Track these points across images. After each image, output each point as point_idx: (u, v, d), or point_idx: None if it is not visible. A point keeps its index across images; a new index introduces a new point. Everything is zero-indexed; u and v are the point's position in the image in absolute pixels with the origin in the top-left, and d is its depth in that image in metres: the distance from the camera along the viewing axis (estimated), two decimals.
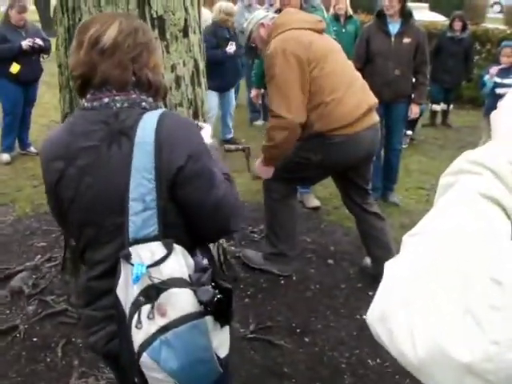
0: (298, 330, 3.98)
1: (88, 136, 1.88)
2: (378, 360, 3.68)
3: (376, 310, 0.89)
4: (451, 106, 10.97)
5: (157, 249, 1.78)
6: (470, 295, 0.75)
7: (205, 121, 3.95)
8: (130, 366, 1.82)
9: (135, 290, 1.77)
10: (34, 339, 3.85)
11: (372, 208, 4.59)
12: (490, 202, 0.88)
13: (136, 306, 1.77)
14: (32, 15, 14.77)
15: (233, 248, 5.03)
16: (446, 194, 0.94)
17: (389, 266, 0.91)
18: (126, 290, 1.80)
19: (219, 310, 1.77)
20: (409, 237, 0.92)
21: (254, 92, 7.40)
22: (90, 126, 1.89)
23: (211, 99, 8.75)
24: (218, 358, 1.86)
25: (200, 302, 1.74)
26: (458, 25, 10.14)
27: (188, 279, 1.78)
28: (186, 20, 3.58)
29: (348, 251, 5.23)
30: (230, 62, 8.42)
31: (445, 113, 10.99)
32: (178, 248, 1.81)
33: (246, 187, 6.67)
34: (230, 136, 9.19)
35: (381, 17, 6.34)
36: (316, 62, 4.04)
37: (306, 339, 3.89)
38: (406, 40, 6.22)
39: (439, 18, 16.96)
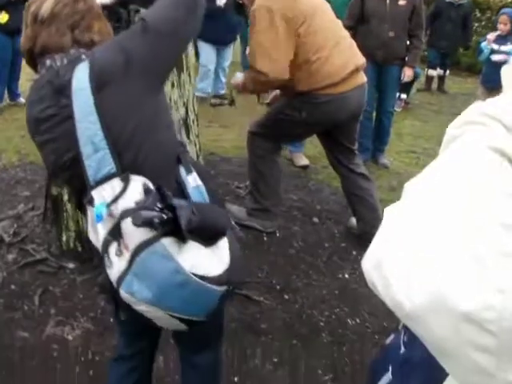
0: (278, 287, 3.95)
1: (41, 102, 1.91)
2: (357, 320, 3.66)
3: (372, 256, 0.84)
4: (447, 71, 10.90)
5: (116, 185, 1.78)
6: (479, 241, 0.70)
7: (190, 74, 3.88)
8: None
9: (102, 230, 1.79)
10: (13, 287, 3.82)
11: (359, 168, 4.55)
12: (499, 156, 0.82)
13: (105, 245, 1.80)
14: None
15: None
16: (452, 145, 0.89)
17: (388, 212, 0.86)
18: (96, 233, 1.83)
19: (172, 229, 1.72)
20: (411, 185, 0.87)
21: (248, 49, 7.29)
22: (40, 91, 1.92)
23: (208, 53, 8.75)
24: (205, 277, 1.81)
25: (142, 225, 1.69)
26: None
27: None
28: None
29: (334, 210, 5.19)
30: (224, 16, 8.38)
31: (441, 78, 10.94)
32: (135, 179, 1.79)
33: (233, 143, 6.64)
34: (222, 91, 9.18)
35: None
36: (303, 18, 3.93)
37: (286, 296, 3.87)
38: (402, 2, 6.14)
39: None
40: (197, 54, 9.74)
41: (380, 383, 1.32)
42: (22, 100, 7.90)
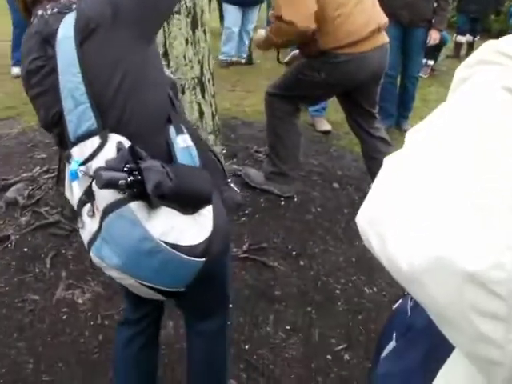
0: (294, 253, 3.87)
1: (30, 53, 1.83)
2: (374, 289, 3.58)
3: (368, 211, 0.75)
4: (477, 37, 10.63)
5: (95, 143, 1.69)
6: (487, 191, 0.60)
7: (205, 32, 3.77)
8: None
9: (77, 189, 1.73)
10: (25, 249, 3.81)
11: (378, 132, 4.47)
12: None
13: (79, 205, 1.73)
14: None
15: (235, 166, 4.91)
16: (461, 87, 0.79)
17: (387, 162, 0.77)
18: (71, 191, 1.77)
19: (141, 193, 1.62)
20: (413, 132, 0.77)
21: (271, 12, 7.16)
22: (29, 42, 1.84)
23: (233, 14, 8.69)
24: (177, 246, 1.71)
25: (104, 187, 1.60)
26: None
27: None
28: None
29: (355, 177, 5.08)
30: None
31: (470, 45, 10.67)
32: (113, 137, 1.70)
33: (255, 107, 6.56)
34: (245, 55, 9.07)
35: None
36: None
37: (302, 263, 3.79)
38: None
39: None
40: (221, 17, 9.65)
41: (385, 350, 1.23)
42: None
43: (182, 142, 1.84)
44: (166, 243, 1.68)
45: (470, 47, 10.72)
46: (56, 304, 3.34)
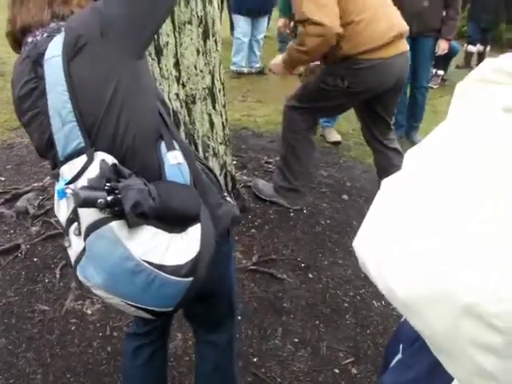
0: (303, 265, 3.87)
1: (21, 78, 1.81)
2: (382, 302, 3.57)
3: (365, 234, 0.76)
4: (488, 47, 10.59)
5: (81, 161, 1.67)
6: (493, 223, 0.60)
7: (216, 41, 3.78)
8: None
9: (65, 208, 1.71)
10: (35, 259, 3.83)
11: (392, 144, 4.47)
12: None
13: (67, 224, 1.70)
14: None
15: (245, 177, 4.91)
16: (460, 104, 0.79)
17: (385, 185, 0.77)
18: (59, 210, 1.75)
19: (120, 211, 1.59)
20: (412, 152, 0.78)
21: (281, 21, 7.16)
22: (19, 67, 1.83)
23: (243, 25, 8.71)
24: (161, 266, 1.67)
25: (83, 206, 1.57)
26: None
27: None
28: None
29: (365, 188, 5.08)
30: None
31: (481, 55, 10.62)
32: (99, 155, 1.67)
33: (266, 118, 6.58)
34: (257, 65, 9.14)
35: None
36: None
37: (310, 275, 3.79)
38: None
39: None
40: (232, 27, 9.67)
41: (392, 362, 1.23)
42: None
43: (173, 159, 1.81)
44: (148, 263, 1.65)
45: (481, 57, 10.67)
46: (65, 315, 3.35)
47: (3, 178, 5.01)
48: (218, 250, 1.85)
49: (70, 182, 1.65)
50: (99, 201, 1.54)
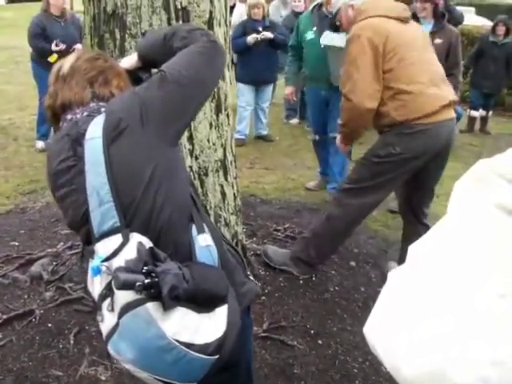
0: (313, 332, 3.92)
1: (59, 154, 1.92)
2: None
3: (374, 322, 0.84)
4: (490, 112, 10.75)
5: (117, 240, 1.76)
6: (478, 311, 0.69)
7: (228, 115, 3.90)
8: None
9: (98, 284, 1.78)
10: (49, 325, 3.86)
11: (425, 219, 4.55)
12: (507, 215, 0.81)
13: (100, 299, 1.79)
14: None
15: (254, 245, 4.97)
16: (460, 202, 0.88)
17: (392, 276, 0.85)
18: (92, 285, 1.83)
19: (158, 293, 1.66)
20: (416, 246, 0.86)
21: (288, 89, 7.27)
22: (58, 143, 1.94)
23: (247, 94, 8.74)
24: (190, 344, 1.74)
25: (122, 288, 1.66)
26: (501, 29, 10.00)
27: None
28: (211, 12, 3.54)
29: (372, 254, 5.15)
30: (264, 55, 8.38)
31: (483, 119, 10.78)
32: (135, 237, 1.77)
33: (274, 185, 6.65)
34: (264, 132, 9.19)
35: (414, 17, 6.22)
36: (393, 52, 3.98)
37: (320, 341, 3.83)
38: (438, 40, 6.23)
39: (485, 23, 16.62)
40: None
41: None
42: None
43: (203, 241, 1.89)
44: (179, 342, 1.72)
45: (484, 122, 10.82)
46: (79, 380, 3.35)
47: (17, 243, 5.07)
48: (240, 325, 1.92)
49: (105, 260, 1.74)
50: (138, 284, 1.62)
